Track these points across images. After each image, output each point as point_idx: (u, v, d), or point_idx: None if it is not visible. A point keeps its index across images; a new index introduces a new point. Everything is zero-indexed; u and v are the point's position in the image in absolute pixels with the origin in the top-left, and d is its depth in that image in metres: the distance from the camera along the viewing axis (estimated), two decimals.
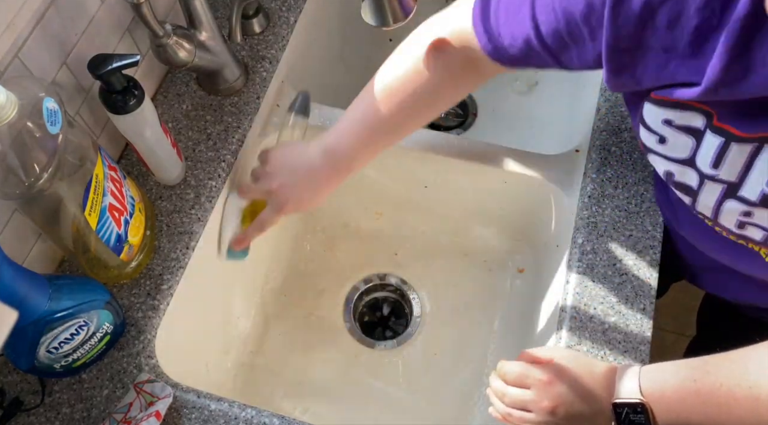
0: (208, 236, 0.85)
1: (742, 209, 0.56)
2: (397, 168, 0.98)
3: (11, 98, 0.57)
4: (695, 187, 0.58)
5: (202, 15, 0.83)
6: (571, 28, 0.55)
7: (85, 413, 0.73)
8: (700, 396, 0.57)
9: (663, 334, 1.55)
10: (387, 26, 0.71)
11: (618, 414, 0.60)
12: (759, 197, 0.54)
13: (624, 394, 0.60)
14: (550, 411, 0.63)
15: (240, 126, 0.90)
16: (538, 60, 0.61)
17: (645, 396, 0.59)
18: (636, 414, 0.59)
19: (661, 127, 0.57)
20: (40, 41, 0.71)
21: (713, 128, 0.53)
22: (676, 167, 0.58)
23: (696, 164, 0.57)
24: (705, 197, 0.58)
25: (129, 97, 0.73)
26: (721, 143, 0.53)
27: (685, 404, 0.58)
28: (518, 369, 0.66)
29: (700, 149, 0.55)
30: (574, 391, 0.62)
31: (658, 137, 0.58)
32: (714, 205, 0.58)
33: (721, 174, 0.55)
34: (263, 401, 0.94)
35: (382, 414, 0.96)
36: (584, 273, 0.78)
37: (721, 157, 0.54)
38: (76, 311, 0.68)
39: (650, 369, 0.61)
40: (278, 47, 0.97)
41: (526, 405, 0.65)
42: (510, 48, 0.61)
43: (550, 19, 0.56)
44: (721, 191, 0.57)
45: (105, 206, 0.71)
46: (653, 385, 0.59)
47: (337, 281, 1.05)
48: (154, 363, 0.76)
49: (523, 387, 0.65)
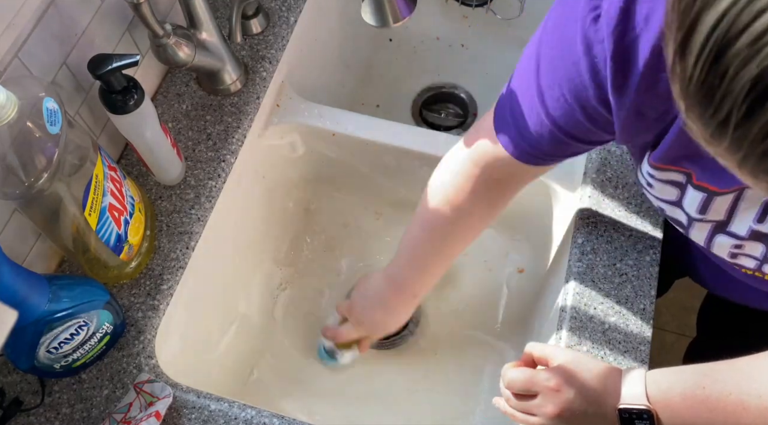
0: (208, 236, 0.85)
1: (733, 242, 0.57)
2: (397, 168, 0.98)
3: (11, 98, 0.57)
4: (685, 224, 0.60)
5: (202, 15, 0.83)
6: (589, 112, 0.56)
7: (85, 413, 0.73)
8: (707, 404, 0.56)
9: (663, 334, 1.55)
10: (387, 26, 0.71)
11: (623, 419, 0.60)
12: (748, 232, 0.55)
13: (629, 399, 0.60)
14: (556, 416, 0.62)
15: (240, 126, 0.90)
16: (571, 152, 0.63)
17: (651, 402, 0.59)
18: (641, 421, 0.59)
19: (647, 176, 0.58)
20: (40, 41, 0.71)
21: (693, 185, 0.55)
22: (666, 206, 0.60)
23: (683, 207, 0.58)
24: (696, 233, 0.60)
25: (129, 97, 0.73)
26: (704, 197, 0.55)
27: (692, 411, 0.57)
28: (523, 376, 0.65)
29: (684, 198, 0.57)
30: (580, 396, 0.62)
31: (647, 182, 0.59)
32: (705, 239, 0.59)
33: (708, 217, 0.57)
34: (263, 401, 0.94)
35: (382, 414, 0.96)
36: (584, 273, 0.78)
37: (706, 206, 0.56)
38: (76, 312, 0.68)
39: (655, 374, 0.60)
40: (278, 47, 0.97)
41: (531, 409, 0.64)
42: (539, 146, 0.62)
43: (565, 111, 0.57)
44: (710, 228, 0.58)
45: (105, 206, 0.71)
46: (659, 391, 0.59)
47: (337, 281, 1.05)
48: (154, 363, 0.76)
49: (529, 394, 0.65)
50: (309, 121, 0.96)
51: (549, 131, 0.59)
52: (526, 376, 0.65)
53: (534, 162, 0.64)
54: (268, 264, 1.05)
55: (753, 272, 0.63)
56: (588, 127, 0.57)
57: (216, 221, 0.86)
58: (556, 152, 0.63)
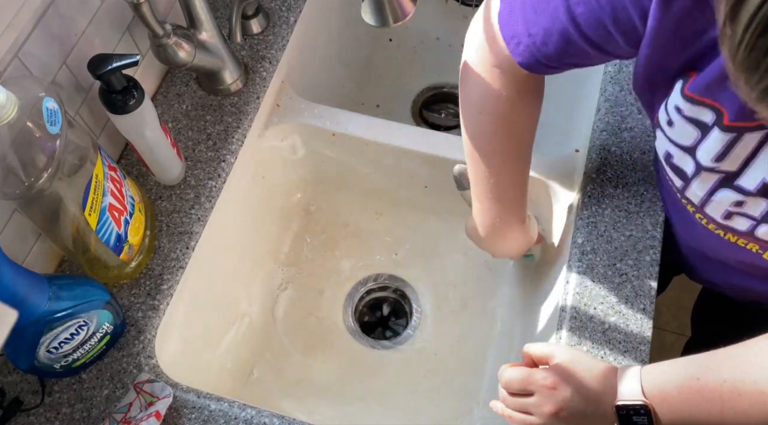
0: (208, 236, 0.85)
1: (735, 199, 0.57)
2: (397, 168, 0.98)
3: (11, 98, 0.57)
4: (690, 174, 0.59)
5: (202, 15, 0.83)
6: (617, 14, 0.54)
7: (85, 413, 0.73)
8: (703, 394, 0.57)
9: (663, 334, 1.55)
10: (387, 26, 0.71)
11: (621, 416, 0.60)
12: (758, 186, 0.54)
13: (626, 395, 0.60)
14: (553, 415, 0.62)
15: (240, 126, 0.90)
16: (576, 56, 0.60)
17: (647, 397, 0.59)
18: (639, 416, 0.59)
19: (672, 111, 0.57)
20: (40, 41, 0.71)
21: (722, 126, 0.54)
22: (677, 150, 0.59)
23: (696, 154, 0.57)
24: (697, 185, 0.59)
25: (129, 97, 0.73)
26: (730, 139, 0.54)
27: (688, 403, 0.58)
28: (520, 375, 0.65)
29: (703, 142, 0.56)
30: (578, 395, 0.62)
31: (668, 118, 0.58)
32: (705, 194, 0.59)
33: (722, 166, 0.55)
34: (263, 401, 0.94)
35: (382, 414, 0.96)
36: (584, 273, 0.78)
37: (726, 151, 0.54)
38: (76, 312, 0.68)
39: (651, 370, 0.61)
40: (278, 47, 0.97)
41: (528, 408, 0.64)
42: (544, 47, 0.60)
43: (591, 7, 0.55)
44: (716, 180, 0.57)
45: (105, 206, 0.71)
46: (655, 386, 0.59)
47: (337, 281, 1.05)
48: (154, 363, 0.76)
49: (527, 393, 0.65)
50: (309, 121, 0.96)
51: (562, 28, 0.57)
52: (523, 375, 0.65)
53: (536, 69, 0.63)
54: (268, 264, 1.05)
55: (737, 240, 0.63)
56: (609, 32, 0.56)
57: (216, 221, 0.86)
58: (560, 58, 0.61)
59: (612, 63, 0.92)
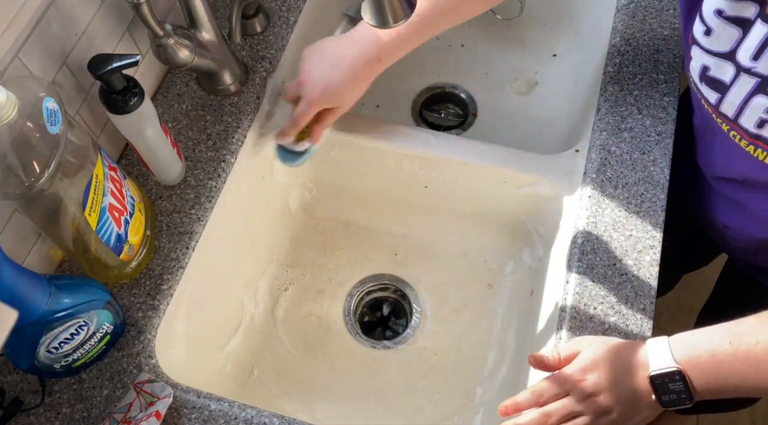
0: (208, 236, 0.85)
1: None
2: (397, 168, 0.98)
3: (11, 98, 0.57)
4: (728, 82, 0.59)
5: (202, 15, 0.83)
6: None
7: (85, 413, 0.73)
8: (736, 357, 0.57)
9: (663, 334, 1.55)
10: (387, 26, 0.70)
11: (656, 386, 0.60)
12: None
13: (658, 365, 0.60)
14: (592, 399, 0.61)
15: (240, 126, 0.90)
16: None
17: (680, 363, 0.59)
18: (674, 383, 0.59)
19: (711, 17, 0.57)
20: (40, 41, 0.71)
21: (764, 16, 0.54)
22: (715, 60, 0.59)
23: (736, 56, 0.58)
24: (735, 92, 0.59)
25: (129, 97, 0.73)
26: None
27: (722, 366, 0.58)
28: (549, 380, 0.64)
29: (744, 40, 0.56)
30: (610, 373, 0.61)
31: (705, 28, 0.58)
32: (741, 101, 0.59)
33: (759, 67, 0.56)
34: (263, 401, 0.94)
35: (382, 414, 0.96)
36: (584, 273, 0.78)
37: (764, 48, 0.55)
38: (76, 312, 0.68)
39: (679, 338, 0.61)
40: (278, 47, 0.97)
41: (570, 408, 0.62)
42: None
43: None
44: (753, 85, 0.57)
45: (105, 206, 0.71)
46: (686, 352, 0.59)
47: (337, 281, 1.05)
48: (154, 363, 0.76)
49: (562, 396, 0.63)
50: None
51: None
52: (552, 379, 0.64)
53: None
54: (268, 264, 1.05)
55: (765, 157, 0.63)
56: None
57: (216, 221, 0.86)
58: None
59: (612, 63, 0.92)
